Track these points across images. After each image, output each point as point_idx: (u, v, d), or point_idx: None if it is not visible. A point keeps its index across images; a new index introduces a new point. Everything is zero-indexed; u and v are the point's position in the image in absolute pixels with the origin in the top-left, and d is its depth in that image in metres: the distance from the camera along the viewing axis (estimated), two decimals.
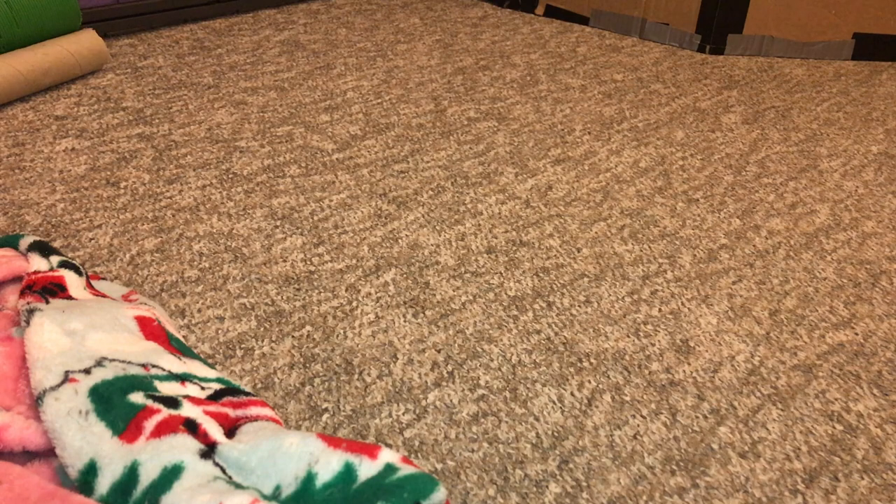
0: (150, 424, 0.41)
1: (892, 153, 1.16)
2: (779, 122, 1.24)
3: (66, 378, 0.44)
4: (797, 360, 0.72)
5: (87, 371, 0.45)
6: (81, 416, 0.42)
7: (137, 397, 0.43)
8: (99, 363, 0.46)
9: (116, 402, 0.43)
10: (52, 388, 0.43)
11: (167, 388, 0.46)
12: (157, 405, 0.43)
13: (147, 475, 0.39)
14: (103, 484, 0.39)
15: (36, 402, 0.43)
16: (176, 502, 0.37)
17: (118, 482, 0.39)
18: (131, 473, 0.39)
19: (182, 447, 0.40)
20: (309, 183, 0.98)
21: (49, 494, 0.39)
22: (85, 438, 0.40)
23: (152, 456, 0.39)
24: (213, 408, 0.45)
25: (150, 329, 0.54)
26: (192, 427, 0.42)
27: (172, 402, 0.44)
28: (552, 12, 1.71)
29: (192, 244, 0.84)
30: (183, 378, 0.48)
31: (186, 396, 0.46)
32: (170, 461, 0.39)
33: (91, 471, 0.39)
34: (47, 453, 0.43)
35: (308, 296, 0.77)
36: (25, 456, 0.43)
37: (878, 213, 0.99)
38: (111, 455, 0.40)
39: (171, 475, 0.38)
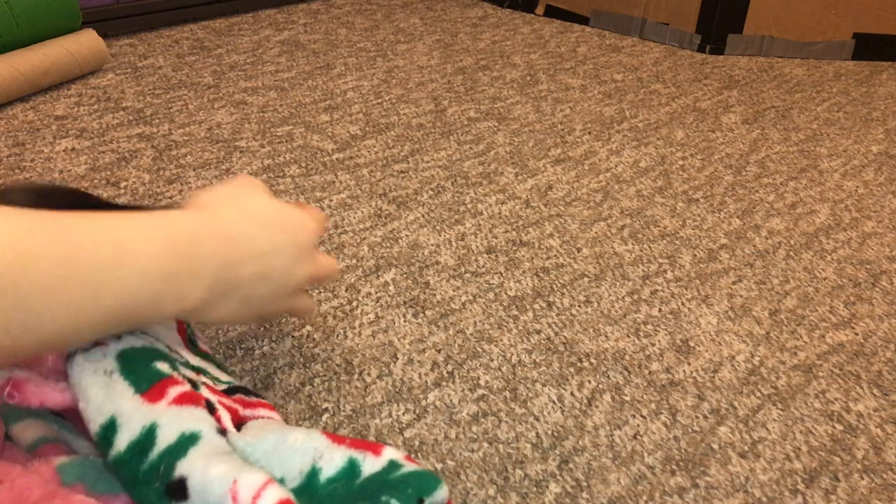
0: (173, 392, 0.42)
1: (892, 153, 1.16)
2: (779, 122, 1.24)
3: (95, 342, 0.45)
4: (797, 360, 0.72)
5: (118, 336, 0.46)
6: (107, 374, 0.43)
7: (163, 366, 0.44)
8: (131, 331, 0.47)
9: (142, 366, 0.43)
10: (84, 350, 0.44)
11: (187, 374, 0.47)
12: (181, 377, 0.44)
13: (165, 438, 0.39)
14: (121, 442, 0.39)
15: (66, 361, 0.44)
16: (191, 469, 0.37)
17: (135, 441, 0.39)
18: (149, 434, 0.39)
19: (202, 419, 0.41)
20: (309, 183, 0.98)
21: (50, 494, 0.39)
22: (108, 396, 0.41)
23: (172, 420, 0.40)
24: (226, 400, 0.46)
25: (179, 324, 0.55)
26: (210, 408, 0.43)
27: (194, 384, 0.45)
28: (552, 12, 1.71)
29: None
30: (199, 370, 0.49)
31: (204, 384, 0.46)
32: (188, 428, 0.39)
33: (111, 427, 0.40)
34: (47, 452, 0.43)
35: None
36: (25, 456, 0.43)
37: (878, 213, 0.99)
38: (131, 413, 0.40)
39: (188, 441, 0.39)
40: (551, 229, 0.91)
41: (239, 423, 0.46)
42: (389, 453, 0.41)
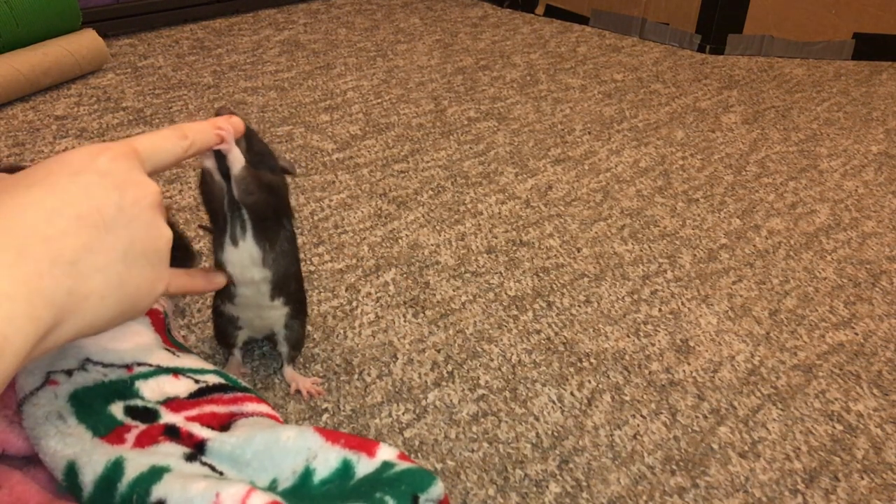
0: (131, 436, 0.41)
1: (892, 153, 1.16)
2: (779, 122, 1.24)
3: (47, 379, 0.44)
4: (797, 360, 0.72)
5: (68, 373, 0.45)
6: (60, 419, 0.41)
7: (117, 410, 0.43)
8: (82, 366, 0.45)
9: (98, 409, 0.42)
10: (31, 394, 0.43)
11: (151, 387, 0.46)
12: (134, 422, 0.43)
13: (133, 469, 0.38)
14: (87, 481, 0.38)
15: (18, 410, 0.43)
16: (169, 491, 0.36)
17: (101, 476, 0.38)
18: (115, 467, 0.38)
19: (167, 453, 0.40)
20: (309, 183, 0.98)
21: (47, 502, 0.39)
22: (63, 440, 0.40)
23: (138, 456, 0.39)
24: (195, 411, 0.45)
25: (154, 317, 0.54)
26: (173, 432, 0.42)
27: (151, 416, 0.44)
28: (552, 12, 1.71)
29: (193, 244, 0.84)
30: (176, 371, 0.48)
31: (167, 401, 0.45)
32: (158, 462, 0.39)
33: (71, 471, 0.39)
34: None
35: (308, 296, 0.77)
36: (22, 461, 0.43)
37: (878, 213, 0.99)
38: (90, 452, 0.39)
39: (161, 470, 0.38)
40: (551, 229, 0.91)
41: (226, 423, 0.46)
42: (384, 454, 0.41)
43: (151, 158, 0.40)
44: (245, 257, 0.56)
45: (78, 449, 0.39)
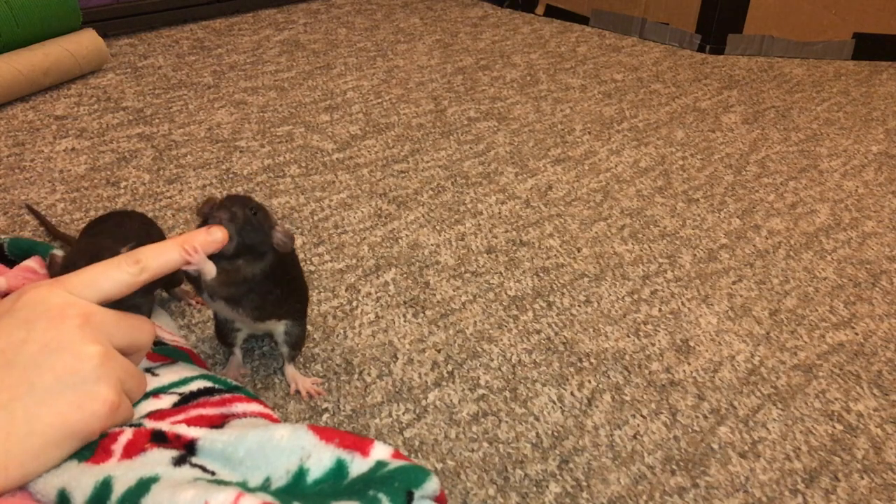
0: (118, 447, 0.41)
1: (892, 153, 1.16)
2: (779, 122, 1.24)
3: None
4: (797, 360, 0.72)
5: None
6: None
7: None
8: None
9: None
10: None
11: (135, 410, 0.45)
12: (119, 427, 0.42)
13: (121, 485, 0.38)
14: None
15: None
16: (158, 501, 0.36)
17: (90, 498, 0.38)
18: (104, 487, 0.38)
19: (154, 462, 0.40)
20: (309, 183, 0.98)
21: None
22: (52, 471, 0.40)
23: (126, 471, 0.39)
24: (182, 416, 0.45)
25: None
26: (160, 438, 0.42)
27: (135, 424, 0.43)
28: (552, 12, 1.71)
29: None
30: (155, 392, 0.47)
31: (150, 414, 0.45)
32: (145, 474, 0.38)
33: (63, 498, 0.39)
34: None
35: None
36: None
37: (878, 213, 0.99)
38: (79, 477, 0.39)
39: (148, 482, 0.38)
40: (551, 229, 0.91)
41: (217, 425, 0.45)
42: (378, 453, 0.40)
43: (91, 289, 0.40)
44: (222, 307, 0.58)
45: (66, 477, 0.39)
